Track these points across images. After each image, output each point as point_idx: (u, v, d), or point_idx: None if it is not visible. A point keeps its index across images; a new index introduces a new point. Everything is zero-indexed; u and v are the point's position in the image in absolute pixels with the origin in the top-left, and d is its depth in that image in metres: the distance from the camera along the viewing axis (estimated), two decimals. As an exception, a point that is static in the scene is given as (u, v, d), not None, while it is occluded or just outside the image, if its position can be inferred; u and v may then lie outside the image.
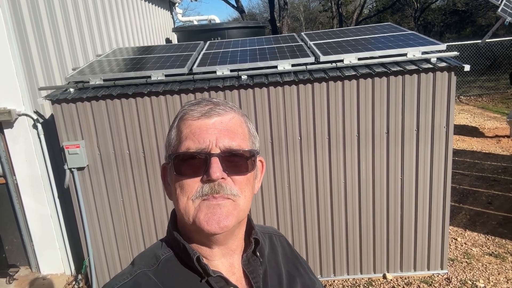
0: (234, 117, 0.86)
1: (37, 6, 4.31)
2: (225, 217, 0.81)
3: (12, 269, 4.33)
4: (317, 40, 4.34)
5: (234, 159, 0.82)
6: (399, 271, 3.85)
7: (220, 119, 0.84)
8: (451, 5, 22.31)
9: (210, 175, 0.79)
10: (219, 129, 0.82)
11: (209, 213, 0.80)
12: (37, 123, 3.98)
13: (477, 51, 11.63)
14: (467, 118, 9.82)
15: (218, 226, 0.80)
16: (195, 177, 0.81)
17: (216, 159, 0.80)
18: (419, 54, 3.53)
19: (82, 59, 5.11)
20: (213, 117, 0.84)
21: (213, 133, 0.81)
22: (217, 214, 0.80)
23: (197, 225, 0.81)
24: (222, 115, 0.84)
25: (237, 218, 0.83)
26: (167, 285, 0.83)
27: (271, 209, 3.78)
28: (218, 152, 0.80)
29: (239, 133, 0.85)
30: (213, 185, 0.80)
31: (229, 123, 0.84)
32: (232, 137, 0.83)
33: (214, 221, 0.80)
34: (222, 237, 0.85)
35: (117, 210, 3.83)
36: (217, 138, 0.81)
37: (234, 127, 0.85)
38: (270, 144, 3.64)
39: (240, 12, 17.79)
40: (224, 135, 0.82)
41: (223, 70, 3.63)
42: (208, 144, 0.81)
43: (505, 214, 4.93)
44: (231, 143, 0.82)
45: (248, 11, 24.44)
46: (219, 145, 0.81)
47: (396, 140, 3.58)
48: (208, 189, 0.80)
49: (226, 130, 0.83)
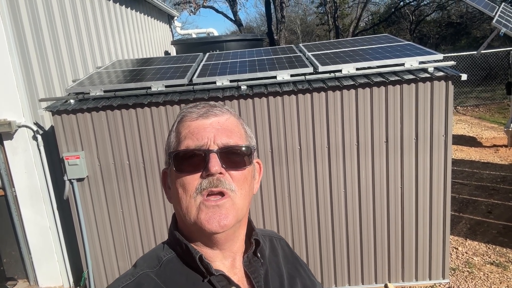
0: (230, 117, 0.90)
1: (38, 18, 4.35)
2: (224, 216, 0.83)
3: (10, 282, 4.28)
4: (315, 51, 4.38)
5: (231, 155, 0.86)
6: (400, 280, 3.83)
7: (217, 119, 0.88)
8: (446, 17, 22.63)
9: (209, 169, 0.82)
10: (216, 128, 0.86)
11: (209, 213, 0.82)
12: (37, 135, 3.98)
13: (472, 62, 11.75)
14: (465, 128, 9.87)
15: (218, 225, 0.82)
16: (194, 174, 0.84)
17: (215, 155, 0.83)
18: (417, 64, 3.57)
19: (82, 71, 5.14)
20: (211, 117, 0.88)
21: (211, 132, 0.85)
22: (217, 214, 0.83)
23: (198, 225, 0.83)
24: (219, 116, 0.89)
25: (236, 217, 0.85)
26: (170, 286, 0.84)
27: (272, 219, 3.76)
28: (216, 149, 0.84)
29: (235, 131, 0.89)
30: (212, 179, 0.83)
31: (226, 122, 0.88)
32: (229, 135, 0.87)
33: (215, 220, 0.82)
34: (223, 238, 0.87)
35: (116, 222, 3.81)
36: (215, 136, 0.85)
37: (231, 126, 0.89)
38: (270, 153, 3.65)
39: (238, 26, 18.00)
40: (221, 133, 0.86)
41: (222, 81, 3.66)
42: (206, 142, 0.84)
43: (505, 223, 4.93)
44: (228, 140, 0.86)
45: (246, 25, 24.70)
46: (217, 142, 0.84)
47: (395, 149, 3.59)
48: (207, 183, 0.83)
49: (223, 129, 0.87)
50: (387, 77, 3.46)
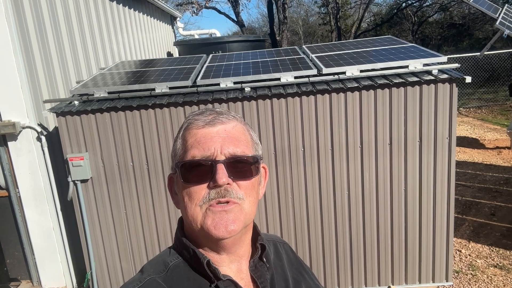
0: (236, 125, 0.90)
1: (42, 19, 4.36)
2: (232, 221, 0.83)
3: (13, 283, 4.29)
4: (319, 53, 4.38)
5: (238, 165, 0.85)
6: (404, 283, 3.82)
7: (223, 127, 0.87)
8: (448, 18, 22.61)
9: (216, 180, 0.81)
10: (223, 137, 0.85)
11: (216, 219, 0.82)
12: (41, 136, 3.99)
13: (475, 64, 11.73)
14: (467, 130, 9.85)
15: (225, 230, 0.82)
16: (201, 184, 0.84)
17: (222, 166, 0.82)
18: (421, 66, 3.56)
19: (85, 73, 5.15)
20: (217, 125, 0.87)
21: (217, 141, 0.84)
22: (224, 219, 0.82)
23: (205, 230, 0.83)
24: (225, 123, 0.88)
25: (243, 223, 0.85)
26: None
27: (275, 221, 3.76)
28: (223, 159, 0.83)
29: (242, 140, 0.88)
30: (219, 190, 0.83)
31: (232, 130, 0.88)
32: (236, 144, 0.86)
33: (222, 226, 0.82)
34: (230, 243, 0.87)
35: (120, 223, 3.82)
36: (221, 146, 0.84)
37: (237, 135, 0.88)
38: (274, 155, 3.65)
39: (240, 26, 18.01)
40: (228, 142, 0.85)
41: (226, 83, 3.66)
42: (213, 152, 0.84)
43: (509, 226, 4.91)
44: (235, 150, 0.85)
45: (248, 25, 24.71)
46: (224, 152, 0.84)
47: (399, 151, 3.59)
48: (214, 194, 0.83)
49: (229, 137, 0.86)
50: (391, 79, 3.45)
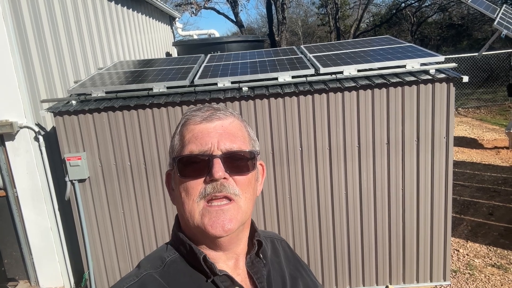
0: (234, 121, 0.90)
1: (40, 19, 4.36)
2: (229, 220, 0.83)
3: (11, 283, 4.28)
4: (317, 53, 4.39)
5: (235, 160, 0.86)
6: (401, 283, 3.82)
7: (221, 123, 0.87)
8: (447, 19, 22.64)
9: (213, 175, 0.81)
10: (220, 133, 0.86)
11: (213, 218, 0.82)
12: (39, 135, 3.99)
13: (474, 64, 11.74)
14: (466, 130, 9.86)
15: (222, 229, 0.82)
16: (198, 178, 0.84)
17: (218, 160, 0.83)
18: (418, 66, 3.57)
19: (83, 72, 5.15)
20: (214, 121, 0.87)
21: (214, 136, 0.85)
22: (221, 218, 0.83)
23: (201, 228, 0.83)
24: (223, 119, 0.88)
25: (240, 221, 0.85)
26: (173, 286, 0.84)
27: (272, 220, 3.76)
28: (220, 154, 0.83)
29: (239, 136, 0.88)
30: (216, 184, 0.83)
31: (230, 126, 0.88)
32: (232, 139, 0.86)
33: (219, 225, 0.82)
34: (226, 241, 0.87)
35: (117, 223, 3.82)
36: (218, 141, 0.84)
37: (234, 130, 0.88)
38: (271, 155, 3.66)
39: (239, 27, 18.02)
40: (225, 137, 0.85)
41: (224, 82, 3.66)
42: (210, 147, 0.84)
43: (507, 225, 4.92)
44: (232, 145, 0.85)
45: (247, 26, 24.71)
46: (221, 147, 0.84)
47: (396, 151, 3.59)
48: (211, 188, 0.83)
49: (227, 133, 0.86)
50: (389, 79, 3.46)
